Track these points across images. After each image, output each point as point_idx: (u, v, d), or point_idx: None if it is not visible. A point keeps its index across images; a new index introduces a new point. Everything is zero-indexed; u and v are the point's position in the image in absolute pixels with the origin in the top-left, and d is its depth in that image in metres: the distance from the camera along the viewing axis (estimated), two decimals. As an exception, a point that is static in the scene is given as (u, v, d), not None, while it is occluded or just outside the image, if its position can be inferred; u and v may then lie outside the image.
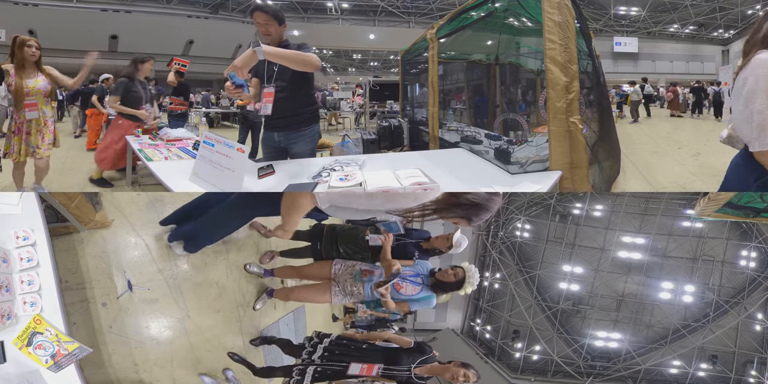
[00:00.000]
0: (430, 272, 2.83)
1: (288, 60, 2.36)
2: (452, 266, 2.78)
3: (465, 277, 2.71)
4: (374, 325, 6.43)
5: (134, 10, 18.70)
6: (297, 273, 3.21)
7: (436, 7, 22.49)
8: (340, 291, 2.88)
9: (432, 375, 2.59)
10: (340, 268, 2.95)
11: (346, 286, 2.87)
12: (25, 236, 1.86)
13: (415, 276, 2.81)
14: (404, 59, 6.56)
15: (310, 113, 2.96)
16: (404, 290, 2.75)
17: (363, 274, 2.88)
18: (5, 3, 16.49)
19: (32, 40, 3.70)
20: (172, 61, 5.79)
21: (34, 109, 3.76)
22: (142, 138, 4.23)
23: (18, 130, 3.77)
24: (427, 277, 2.81)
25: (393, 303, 2.72)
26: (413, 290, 2.77)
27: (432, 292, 2.78)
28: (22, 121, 3.76)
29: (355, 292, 2.85)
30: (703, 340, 9.92)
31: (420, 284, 2.79)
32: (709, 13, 23.92)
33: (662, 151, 7.37)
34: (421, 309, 2.91)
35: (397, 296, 2.74)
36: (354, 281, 2.87)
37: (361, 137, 5.74)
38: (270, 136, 2.96)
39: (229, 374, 3.00)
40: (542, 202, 10.66)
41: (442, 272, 2.77)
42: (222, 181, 2.15)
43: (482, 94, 5.44)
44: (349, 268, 2.93)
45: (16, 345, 1.70)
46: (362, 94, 12.26)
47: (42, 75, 3.78)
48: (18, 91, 3.68)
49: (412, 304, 2.78)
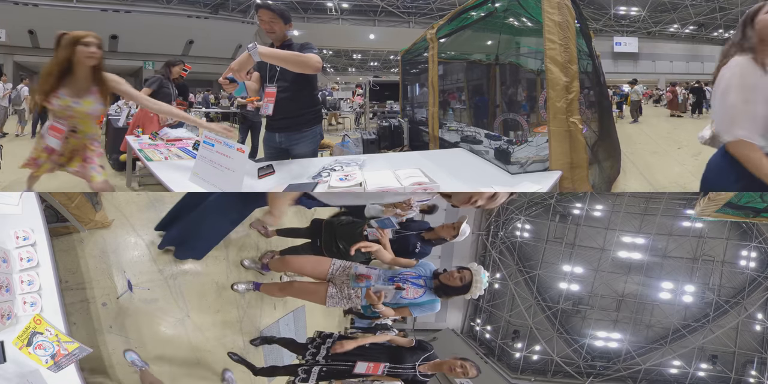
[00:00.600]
0: (433, 274, 2.63)
1: (285, 61, 2.32)
2: (459, 268, 2.56)
3: (472, 280, 2.50)
4: (374, 328, 6.41)
5: (134, 10, 18.68)
6: (292, 267, 3.01)
7: (436, 7, 22.48)
8: (336, 293, 2.69)
9: (435, 371, 2.60)
10: (337, 268, 2.77)
11: (343, 289, 2.69)
12: (25, 236, 1.86)
13: (417, 277, 2.60)
14: (404, 59, 6.56)
15: (312, 114, 2.89)
16: (405, 293, 2.54)
17: (358, 279, 2.65)
18: (5, 3, 16.49)
19: (91, 36, 2.45)
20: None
21: (59, 135, 2.60)
22: (142, 138, 4.23)
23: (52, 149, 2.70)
24: (430, 279, 2.60)
25: (390, 310, 2.54)
26: (415, 293, 2.55)
27: (436, 296, 2.58)
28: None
29: (352, 295, 2.66)
30: (703, 340, 9.91)
31: (422, 287, 2.58)
32: (709, 13, 23.92)
33: (662, 151, 7.37)
34: (424, 314, 2.67)
35: (397, 301, 2.54)
36: (351, 284, 2.68)
37: (361, 137, 5.75)
38: (271, 136, 2.91)
39: (227, 375, 2.99)
40: (542, 202, 10.65)
41: (447, 275, 2.55)
42: (222, 181, 2.15)
43: (482, 94, 5.44)
44: (347, 269, 2.75)
45: (16, 345, 1.70)
46: (362, 94, 12.26)
47: (96, 92, 2.55)
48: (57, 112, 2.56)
49: (414, 309, 2.58)
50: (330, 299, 2.67)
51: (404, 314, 2.60)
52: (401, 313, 2.59)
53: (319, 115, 3.02)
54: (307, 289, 2.80)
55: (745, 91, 1.59)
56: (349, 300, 2.66)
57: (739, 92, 1.59)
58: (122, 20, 18.11)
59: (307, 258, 2.98)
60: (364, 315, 3.56)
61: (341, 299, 2.67)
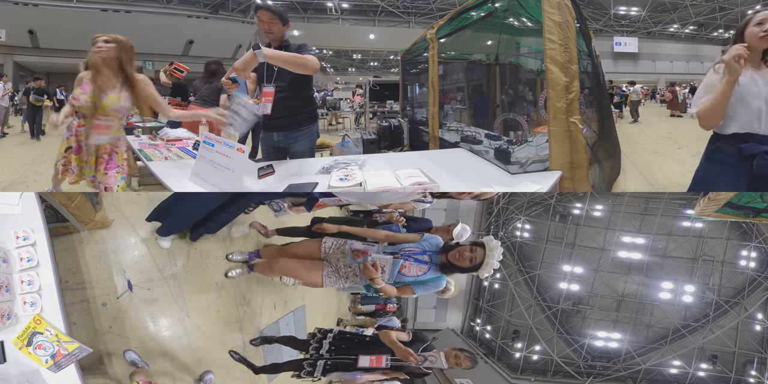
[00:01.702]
0: (441, 248, 2.41)
1: (287, 63, 2.38)
2: (472, 244, 2.32)
3: (483, 261, 2.29)
4: (374, 313, 6.58)
5: (134, 10, 18.70)
6: (285, 253, 2.84)
7: (436, 7, 22.50)
8: (333, 272, 2.53)
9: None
10: (331, 245, 2.58)
11: (339, 267, 2.52)
12: (25, 236, 1.86)
13: (421, 253, 2.41)
14: (404, 59, 6.56)
15: (309, 113, 2.97)
16: (407, 270, 2.37)
17: (355, 255, 2.44)
18: (5, 3, 16.49)
19: (105, 36, 2.58)
20: (172, 64, 5.85)
21: (105, 132, 2.70)
22: (142, 138, 4.23)
23: (78, 147, 2.76)
24: (436, 255, 2.40)
25: (392, 288, 2.37)
26: (418, 270, 2.37)
27: (441, 273, 2.39)
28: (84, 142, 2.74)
29: (350, 274, 2.49)
30: (703, 340, 9.91)
31: (427, 263, 2.38)
32: (709, 13, 23.93)
33: (662, 151, 7.38)
34: (428, 292, 2.48)
35: (399, 278, 2.38)
36: (348, 262, 2.50)
37: (361, 137, 5.75)
38: (269, 136, 2.97)
39: (207, 377, 2.89)
40: (542, 202, 10.65)
41: (457, 253, 2.31)
42: (222, 181, 2.15)
43: (482, 94, 5.44)
44: (341, 246, 2.56)
45: (16, 345, 1.70)
46: (362, 94, 12.27)
47: (126, 89, 2.64)
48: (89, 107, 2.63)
49: (417, 287, 2.40)
50: (327, 279, 2.53)
51: (407, 293, 2.44)
52: (404, 292, 2.44)
53: (315, 114, 3.09)
54: (303, 266, 2.60)
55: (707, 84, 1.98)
56: (347, 279, 2.51)
57: (711, 74, 1.97)
58: (122, 20, 18.12)
59: (299, 242, 2.90)
60: (367, 296, 3.40)
61: (339, 279, 2.52)
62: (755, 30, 1.91)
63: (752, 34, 1.92)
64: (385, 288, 2.32)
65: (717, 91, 1.88)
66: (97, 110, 2.60)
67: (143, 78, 2.72)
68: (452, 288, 2.77)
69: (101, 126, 2.66)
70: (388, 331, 2.74)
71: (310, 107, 2.99)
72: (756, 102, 1.90)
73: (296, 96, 2.80)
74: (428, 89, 4.64)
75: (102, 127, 2.67)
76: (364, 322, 6.14)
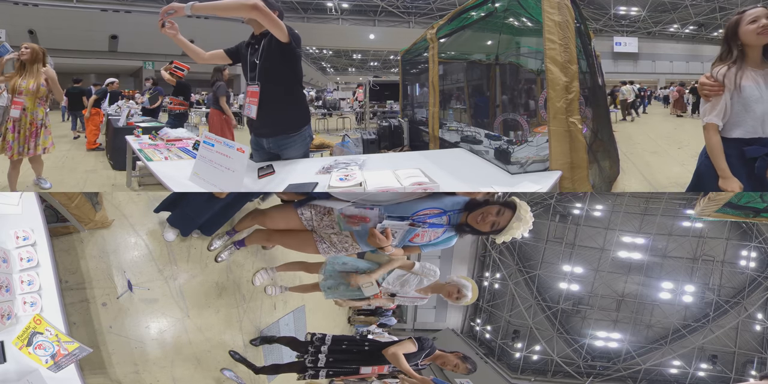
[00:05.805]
0: (464, 205, 2.13)
1: (221, 10, 2.14)
2: (502, 205, 2.08)
3: (506, 226, 2.07)
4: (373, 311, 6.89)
5: (134, 10, 18.69)
6: (270, 236, 2.67)
7: (436, 7, 22.51)
8: (329, 248, 2.34)
9: (433, 361, 2.66)
10: (311, 216, 2.30)
11: (335, 243, 2.31)
12: (25, 236, 1.86)
13: (440, 215, 2.11)
14: (404, 59, 6.56)
15: (299, 115, 2.66)
16: (419, 239, 2.16)
17: (350, 222, 2.18)
18: (5, 3, 16.50)
19: (26, 44, 4.22)
20: (173, 63, 5.83)
21: (18, 107, 4.02)
22: (142, 138, 4.23)
23: (13, 127, 4.04)
24: (457, 215, 2.12)
25: (399, 250, 2.20)
26: (433, 235, 2.15)
27: (453, 233, 2.17)
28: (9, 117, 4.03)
29: (347, 244, 2.28)
30: (703, 340, 9.92)
31: (443, 226, 2.13)
32: (709, 13, 23.94)
33: (662, 151, 7.37)
34: (435, 249, 2.30)
35: (408, 243, 2.18)
36: (340, 231, 2.26)
37: (361, 137, 5.75)
38: (259, 141, 2.73)
39: (228, 373, 2.99)
40: (542, 202, 10.66)
41: (479, 215, 2.06)
42: (222, 181, 2.15)
43: (482, 94, 5.44)
44: (327, 215, 2.26)
45: (16, 345, 1.70)
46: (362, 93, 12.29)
47: (34, 77, 4.05)
48: (12, 89, 4.04)
49: (425, 247, 2.23)
50: (324, 253, 2.38)
51: (413, 252, 2.29)
52: (410, 252, 2.28)
53: (306, 114, 2.78)
54: (297, 238, 2.43)
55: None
56: (346, 249, 2.33)
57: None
58: (122, 20, 18.12)
59: (272, 215, 2.56)
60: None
61: (338, 252, 2.38)
62: (750, 28, 1.86)
63: (748, 32, 1.87)
64: (394, 253, 2.16)
65: (710, 150, 1.95)
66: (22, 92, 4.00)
67: (47, 69, 4.12)
68: (470, 294, 2.68)
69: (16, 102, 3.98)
70: (397, 353, 2.57)
71: (300, 107, 2.68)
72: (760, 107, 1.88)
73: (283, 95, 2.54)
74: (428, 89, 4.65)
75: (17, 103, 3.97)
76: (369, 320, 6.78)
